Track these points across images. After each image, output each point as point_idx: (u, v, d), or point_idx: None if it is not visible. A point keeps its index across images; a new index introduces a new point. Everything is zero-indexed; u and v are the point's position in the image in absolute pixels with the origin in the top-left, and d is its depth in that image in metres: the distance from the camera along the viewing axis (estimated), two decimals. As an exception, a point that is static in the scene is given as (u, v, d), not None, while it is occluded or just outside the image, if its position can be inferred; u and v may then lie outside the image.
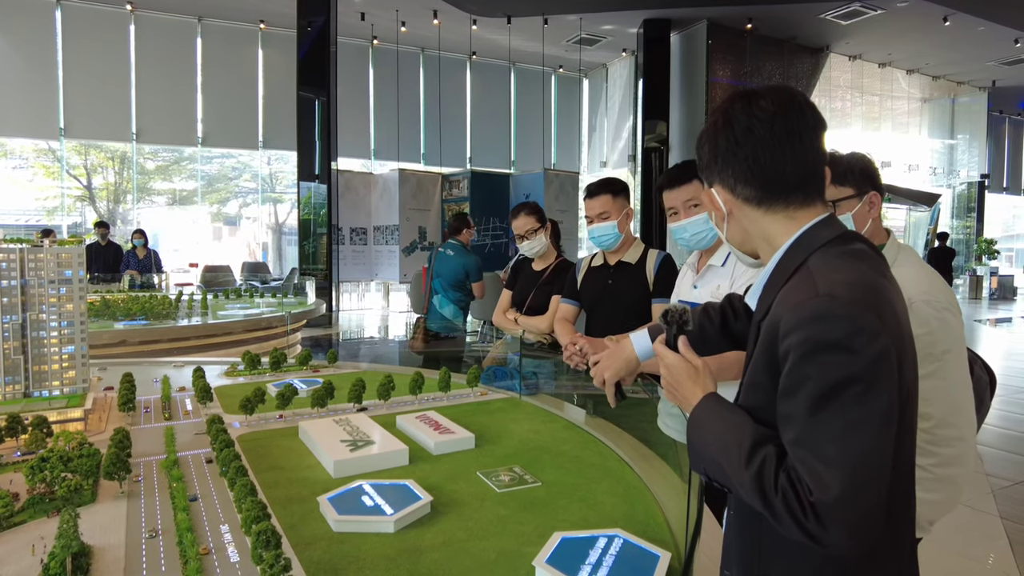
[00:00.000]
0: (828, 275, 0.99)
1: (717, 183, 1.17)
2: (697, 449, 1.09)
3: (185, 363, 3.15)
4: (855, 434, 0.90)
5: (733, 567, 1.14)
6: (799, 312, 0.95)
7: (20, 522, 1.36)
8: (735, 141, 1.10)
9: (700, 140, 1.18)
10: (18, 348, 2.13)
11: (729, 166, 1.12)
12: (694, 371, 1.17)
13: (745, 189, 1.11)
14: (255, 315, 5.68)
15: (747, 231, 1.16)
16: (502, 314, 3.37)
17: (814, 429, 0.92)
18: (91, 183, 13.58)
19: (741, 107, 1.09)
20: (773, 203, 1.10)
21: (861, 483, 0.89)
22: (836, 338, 0.91)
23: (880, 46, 15.04)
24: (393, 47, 13.34)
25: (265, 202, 14.89)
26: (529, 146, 15.17)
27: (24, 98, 10.95)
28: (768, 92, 1.09)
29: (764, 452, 0.97)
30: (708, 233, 2.16)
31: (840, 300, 0.93)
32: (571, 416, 2.28)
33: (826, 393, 0.91)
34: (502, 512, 1.46)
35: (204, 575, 1.13)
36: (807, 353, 0.93)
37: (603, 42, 14.06)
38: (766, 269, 1.13)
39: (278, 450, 1.85)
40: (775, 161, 1.07)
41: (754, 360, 1.06)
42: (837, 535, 0.89)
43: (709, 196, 1.19)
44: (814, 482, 0.90)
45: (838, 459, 0.89)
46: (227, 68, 12.51)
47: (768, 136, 1.07)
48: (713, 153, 1.14)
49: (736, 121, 1.09)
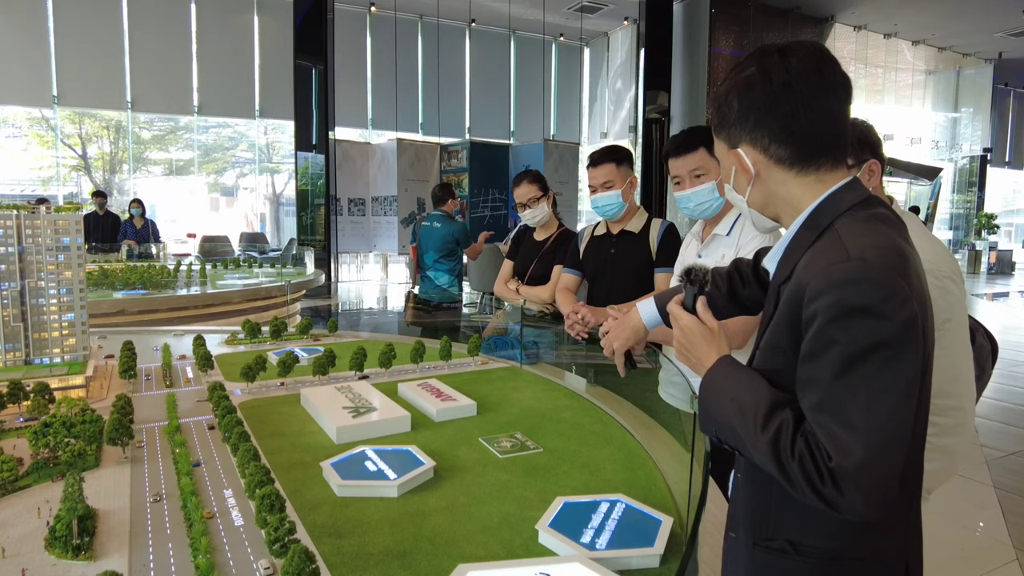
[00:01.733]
0: (858, 239, 0.96)
1: (746, 143, 1.10)
2: (709, 411, 1.08)
3: (185, 332, 3.14)
4: (880, 400, 0.89)
5: (739, 529, 1.14)
6: (829, 275, 0.93)
7: (25, 486, 1.37)
8: (772, 97, 1.04)
9: (726, 96, 1.10)
10: (17, 315, 2.12)
11: (764, 124, 1.06)
12: (709, 333, 1.14)
13: (780, 149, 1.06)
14: (254, 285, 5.67)
15: (772, 194, 1.11)
16: (503, 284, 3.36)
17: (838, 394, 0.91)
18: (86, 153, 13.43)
19: (778, 62, 1.04)
20: (806, 164, 1.06)
21: (883, 450, 0.88)
22: (867, 302, 0.90)
23: (886, 16, 14.79)
24: (391, 14, 13.08)
25: (262, 172, 14.75)
26: (529, 116, 14.99)
27: (15, 63, 10.74)
28: (799, 48, 1.04)
29: (781, 416, 0.96)
30: (713, 203, 2.14)
31: (872, 264, 0.92)
32: (572, 385, 2.28)
33: (854, 358, 0.90)
34: (504, 477, 1.47)
35: (209, 538, 1.13)
36: (836, 317, 0.91)
37: (604, 10, 13.80)
38: (787, 233, 1.10)
39: (280, 417, 1.86)
40: (812, 120, 1.03)
41: (774, 323, 1.04)
42: (854, 501, 0.88)
43: (736, 157, 1.12)
44: (834, 447, 0.89)
45: (861, 424, 0.89)
46: (222, 35, 12.27)
47: (807, 93, 1.02)
48: (745, 110, 1.07)
49: (773, 76, 1.03)
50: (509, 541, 1.19)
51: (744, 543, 1.12)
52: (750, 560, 1.10)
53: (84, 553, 1.10)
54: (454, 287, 5.06)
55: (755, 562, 1.10)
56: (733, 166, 1.14)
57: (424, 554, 1.14)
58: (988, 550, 3.23)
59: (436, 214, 5.10)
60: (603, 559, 1.09)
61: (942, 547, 3.23)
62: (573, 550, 1.12)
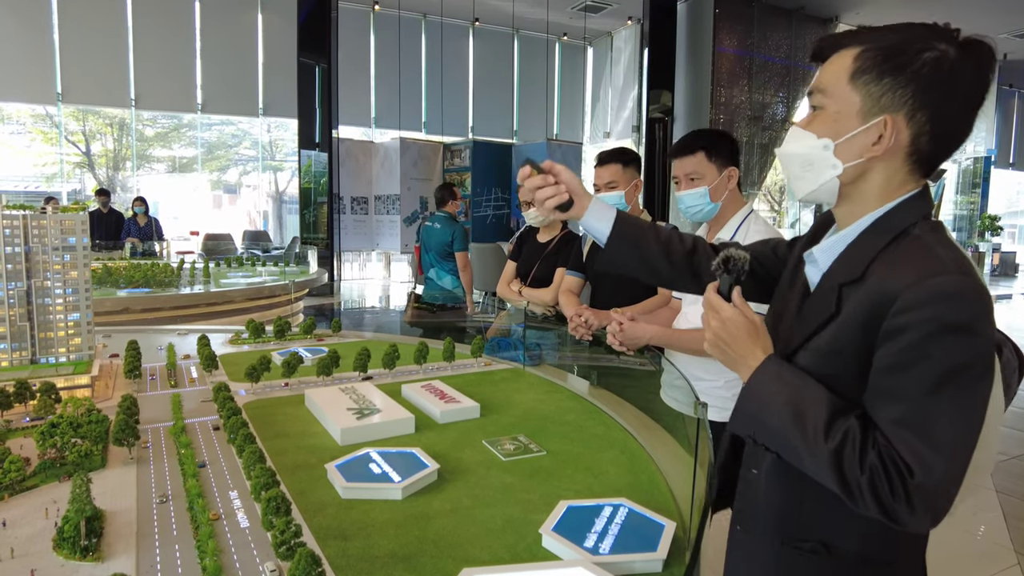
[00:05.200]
0: (950, 252, 0.93)
1: (904, 115, 0.96)
2: (753, 414, 1.03)
3: (189, 331, 3.15)
4: (964, 419, 0.88)
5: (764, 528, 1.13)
6: (929, 288, 0.89)
7: (32, 486, 1.38)
8: (955, 93, 0.94)
9: (919, 54, 0.94)
10: (23, 315, 2.13)
11: (933, 111, 0.95)
12: (753, 328, 1.07)
13: (928, 143, 0.97)
14: (257, 284, 5.68)
15: (868, 175, 1.00)
16: (506, 285, 3.37)
17: (927, 410, 0.88)
18: (90, 150, 13.46)
19: (984, 63, 0.95)
20: (927, 168, 1.00)
21: (959, 469, 0.88)
22: (966, 320, 0.88)
23: (890, 16, 14.23)
24: (395, 12, 13.07)
25: (265, 170, 14.78)
26: (532, 115, 14.98)
27: (19, 61, 10.76)
28: (986, 50, 0.95)
29: (845, 425, 0.93)
30: (704, 207, 2.17)
31: (971, 280, 0.90)
32: (574, 387, 2.29)
33: (948, 375, 0.88)
34: (508, 480, 1.48)
35: (216, 540, 1.14)
36: (934, 332, 0.88)
37: (608, 9, 13.79)
38: (849, 229, 1.04)
39: (284, 418, 1.87)
40: (961, 134, 0.97)
41: (840, 326, 0.99)
42: (923, 518, 0.88)
43: (892, 123, 0.96)
44: (919, 464, 0.87)
45: (947, 443, 0.87)
46: (226, 33, 12.28)
47: (977, 106, 0.96)
48: (927, 84, 0.94)
49: (974, 73, 0.94)
50: (513, 544, 1.20)
51: (768, 542, 1.11)
52: (775, 560, 1.09)
53: (92, 554, 1.11)
54: (457, 287, 5.08)
55: (781, 562, 1.08)
56: (857, 127, 0.98)
57: (429, 557, 1.15)
58: (989, 554, 3.24)
59: (439, 215, 5.12)
60: (606, 563, 1.10)
61: (943, 550, 3.23)
62: (576, 554, 1.13)
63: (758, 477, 1.16)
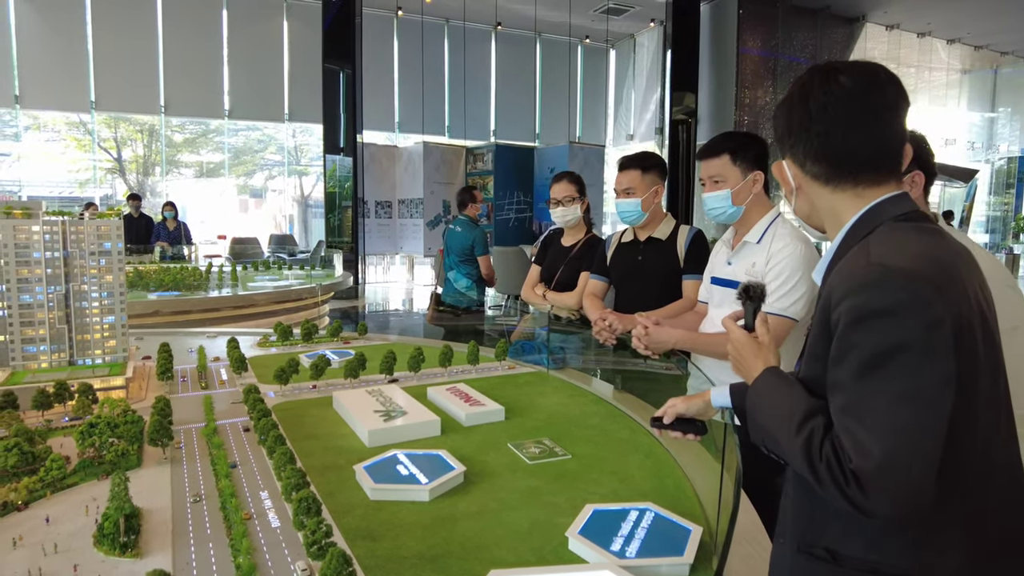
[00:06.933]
0: (883, 246, 0.99)
1: (788, 157, 1.17)
2: (754, 419, 1.12)
3: (218, 333, 3.22)
4: (901, 402, 0.90)
5: (787, 535, 1.14)
6: (849, 281, 0.97)
7: (72, 484, 1.42)
8: (808, 118, 1.09)
9: (776, 112, 1.18)
10: (62, 318, 2.19)
11: (801, 143, 1.12)
12: (757, 346, 1.19)
13: (814, 166, 1.12)
14: (284, 287, 5.76)
15: (814, 205, 1.17)
16: (531, 289, 3.38)
17: (858, 396, 0.93)
18: (121, 155, 13.77)
19: (819, 83, 1.08)
20: (841, 181, 1.10)
21: (905, 452, 0.89)
22: (884, 305, 0.92)
23: (919, 15, 14.48)
24: (418, 18, 13.19)
25: (291, 175, 14.98)
26: (554, 119, 14.98)
27: (56, 72, 11.07)
28: (849, 68, 1.08)
29: (814, 422, 0.98)
30: (727, 210, 2.15)
31: (890, 268, 0.94)
32: (598, 390, 2.29)
33: (872, 360, 0.92)
34: (533, 483, 1.49)
35: (249, 539, 1.17)
36: (855, 320, 0.94)
37: (631, 12, 13.74)
38: (832, 245, 1.13)
39: (312, 419, 1.90)
40: (847, 140, 1.07)
41: (812, 331, 1.08)
42: (878, 502, 0.89)
43: (778, 168, 1.20)
44: (855, 449, 0.90)
45: (879, 426, 0.90)
46: (253, 41, 12.49)
47: (842, 115, 1.06)
48: (787, 127, 1.14)
49: (812, 97, 1.09)
50: (539, 547, 1.20)
51: (789, 549, 1.12)
52: (793, 566, 1.10)
53: (130, 551, 1.14)
54: (472, 291, 5.11)
55: (795, 569, 1.10)
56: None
57: (456, 558, 1.16)
58: None
59: (461, 218, 5.17)
60: (633, 567, 1.10)
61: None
62: (603, 557, 1.14)
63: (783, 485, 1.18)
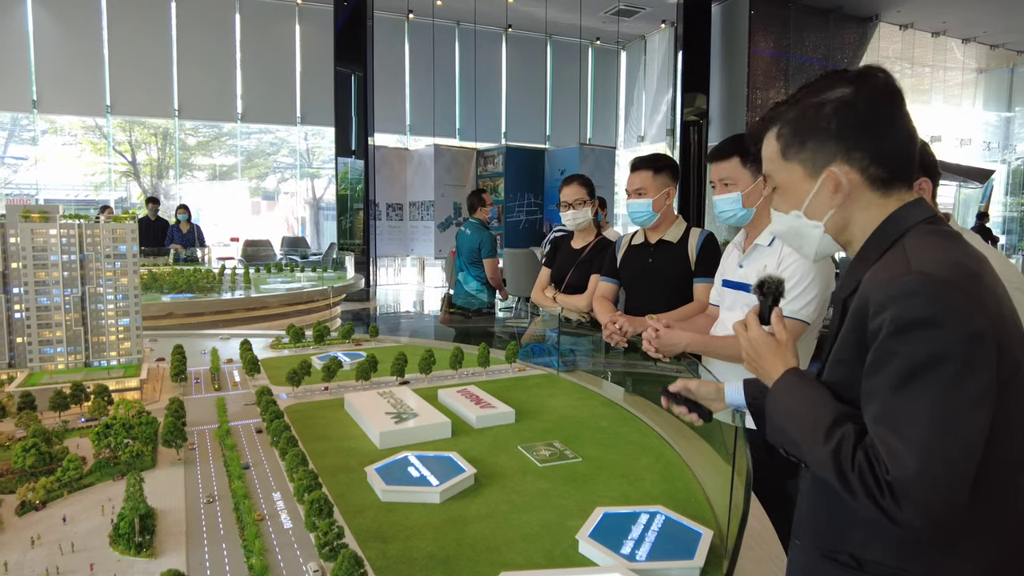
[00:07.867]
0: (922, 253, 0.98)
1: (841, 161, 1.08)
2: (773, 421, 1.10)
3: (231, 335, 3.24)
4: (939, 414, 0.89)
5: (804, 537, 1.14)
6: (890, 289, 0.95)
7: (88, 484, 1.44)
8: (868, 118, 1.06)
9: (820, 111, 1.08)
10: (78, 320, 2.22)
11: (862, 145, 1.06)
12: (776, 344, 1.17)
13: (879, 169, 1.07)
14: (296, 289, 5.80)
15: (852, 218, 1.10)
16: (541, 292, 3.38)
17: (896, 406, 0.92)
18: (135, 159, 13.92)
19: (882, 81, 1.07)
20: (893, 185, 1.08)
21: (941, 463, 0.88)
22: (926, 315, 0.91)
23: (933, 14, 14.35)
24: (428, 21, 13.23)
25: (303, 177, 15.06)
26: (565, 120, 14.97)
27: (73, 77, 11.22)
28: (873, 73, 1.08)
29: (843, 430, 0.97)
30: (737, 212, 2.16)
31: (932, 278, 0.93)
32: (609, 393, 2.29)
33: (913, 370, 0.91)
34: (543, 486, 1.49)
35: (262, 540, 1.18)
36: (897, 330, 0.92)
37: (642, 13, 13.72)
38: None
39: (324, 421, 1.91)
40: (898, 140, 1.07)
41: (841, 336, 1.06)
42: (911, 514, 0.89)
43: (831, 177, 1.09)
44: (891, 460, 0.89)
45: (917, 437, 0.89)
46: (265, 44, 12.59)
47: (890, 114, 1.06)
48: (844, 130, 1.06)
49: (863, 97, 1.06)
50: (550, 550, 1.21)
51: (808, 552, 1.12)
52: (815, 571, 1.10)
53: (145, 550, 1.15)
54: (482, 293, 5.14)
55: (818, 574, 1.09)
56: (811, 189, 1.11)
57: (467, 560, 1.17)
58: None
59: (471, 221, 5.20)
60: (643, 570, 1.10)
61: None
62: (613, 560, 1.14)
63: (802, 488, 1.17)
